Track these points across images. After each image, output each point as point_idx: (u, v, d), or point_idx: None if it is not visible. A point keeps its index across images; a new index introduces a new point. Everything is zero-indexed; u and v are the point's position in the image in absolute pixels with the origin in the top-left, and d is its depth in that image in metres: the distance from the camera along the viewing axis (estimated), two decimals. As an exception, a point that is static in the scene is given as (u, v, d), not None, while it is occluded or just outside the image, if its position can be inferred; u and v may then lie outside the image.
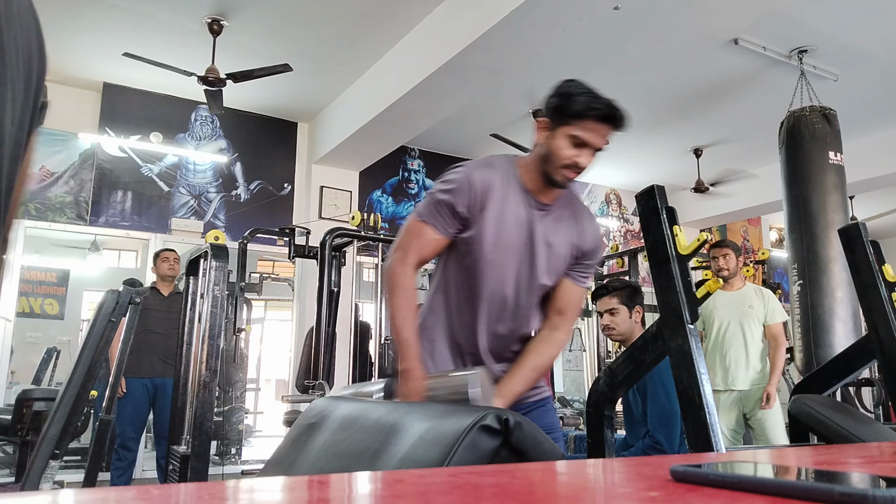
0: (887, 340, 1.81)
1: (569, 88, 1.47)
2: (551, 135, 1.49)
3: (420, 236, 1.50)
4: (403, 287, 1.48)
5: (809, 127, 4.24)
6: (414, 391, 1.39)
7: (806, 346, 3.93)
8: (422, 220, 1.50)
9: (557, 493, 0.47)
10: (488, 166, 1.55)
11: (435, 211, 1.49)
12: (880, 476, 0.43)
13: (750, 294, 3.77)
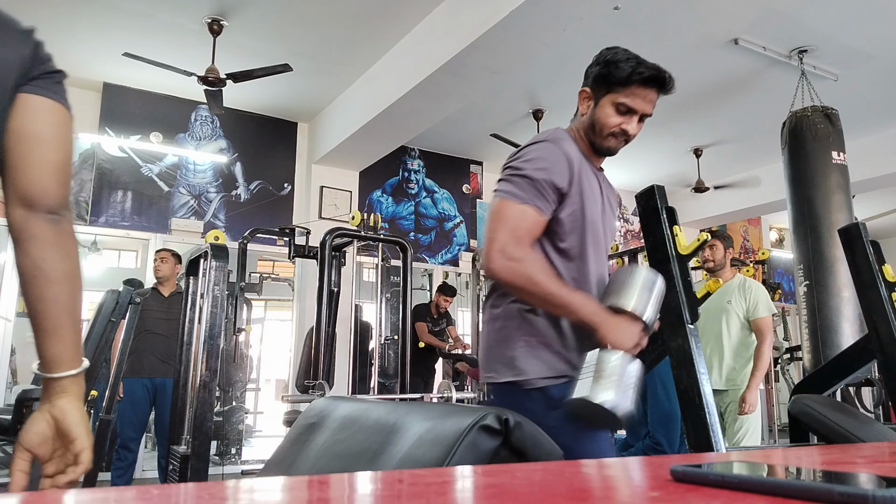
0: (887, 340, 1.81)
1: (612, 56, 1.47)
2: (596, 104, 1.48)
3: (525, 220, 1.31)
4: (538, 267, 1.29)
5: (812, 127, 4.24)
6: (630, 334, 1.28)
7: (814, 346, 3.92)
8: (523, 203, 1.31)
9: (557, 493, 0.47)
10: (563, 138, 1.46)
11: (536, 191, 1.32)
12: (880, 476, 0.43)
13: (732, 288, 3.53)
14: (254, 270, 6.22)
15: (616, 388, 1.21)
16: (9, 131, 0.91)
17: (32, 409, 3.74)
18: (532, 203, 1.32)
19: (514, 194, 1.33)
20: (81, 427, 0.89)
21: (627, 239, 8.35)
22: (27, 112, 0.95)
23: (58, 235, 0.90)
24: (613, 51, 1.49)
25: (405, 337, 3.73)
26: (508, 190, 1.34)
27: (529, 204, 1.32)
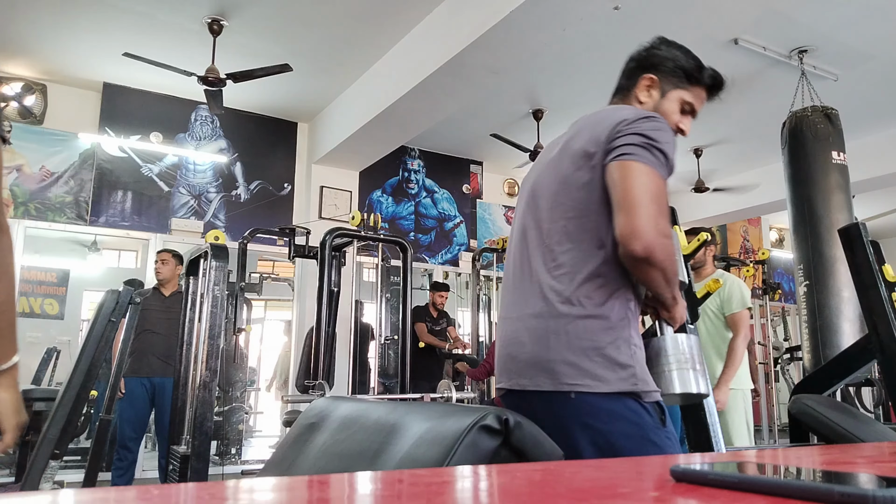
0: (887, 340, 1.81)
1: (685, 51, 1.44)
2: (663, 95, 1.41)
3: (666, 196, 1.21)
4: (673, 258, 1.20)
5: (812, 127, 4.24)
6: (685, 306, 1.30)
7: (814, 346, 3.92)
8: (664, 179, 1.20)
9: (557, 493, 0.47)
10: None
11: (667, 171, 1.22)
12: (880, 476, 0.43)
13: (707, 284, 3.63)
14: (254, 270, 6.21)
15: (702, 374, 1.25)
16: None
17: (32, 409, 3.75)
18: (665, 181, 1.21)
19: (656, 165, 1.19)
20: (7, 412, 1.11)
21: (627, 239, 8.34)
22: None
23: None
24: (679, 46, 1.46)
25: (405, 337, 3.73)
26: (649, 160, 1.18)
27: (665, 181, 1.21)
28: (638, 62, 1.45)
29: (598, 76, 5.28)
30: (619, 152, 1.19)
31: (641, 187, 1.15)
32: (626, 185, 1.16)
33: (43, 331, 6.43)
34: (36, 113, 5.38)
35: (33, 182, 5.27)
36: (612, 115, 1.26)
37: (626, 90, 1.44)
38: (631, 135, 1.19)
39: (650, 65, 1.43)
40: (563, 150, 1.31)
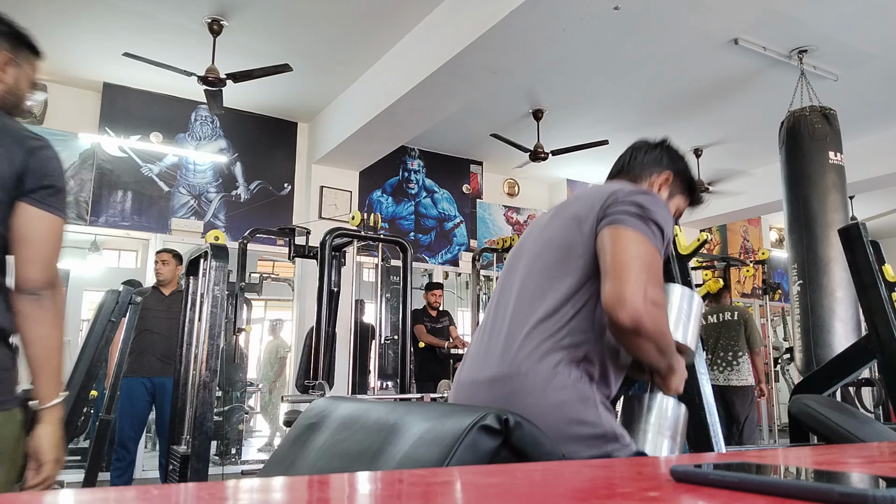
0: (887, 340, 1.81)
1: (689, 164, 1.48)
2: (670, 196, 1.42)
3: (659, 266, 1.16)
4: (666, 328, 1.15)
5: (809, 127, 4.24)
6: (685, 374, 1.25)
7: (806, 345, 3.93)
8: (657, 250, 1.16)
9: (557, 493, 0.47)
10: None
11: (662, 244, 1.18)
12: (880, 476, 0.43)
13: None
14: (254, 270, 6.21)
15: (679, 448, 1.23)
16: (10, 230, 1.27)
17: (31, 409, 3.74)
18: (660, 253, 1.16)
19: (649, 234, 1.14)
20: (47, 447, 1.29)
21: (627, 239, 8.34)
22: (21, 218, 1.29)
23: (36, 310, 1.28)
24: (684, 155, 1.49)
25: (405, 337, 3.73)
26: (642, 228, 1.14)
27: (659, 253, 1.16)
28: (656, 156, 1.43)
29: (598, 76, 5.28)
30: (612, 219, 1.16)
31: (631, 253, 1.10)
32: (615, 251, 1.12)
33: (43, 331, 6.41)
34: (36, 113, 5.38)
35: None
36: (611, 186, 1.25)
37: (637, 176, 1.42)
38: (626, 204, 1.17)
39: (671, 162, 1.42)
40: (554, 216, 1.31)
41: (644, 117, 6.12)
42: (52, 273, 1.32)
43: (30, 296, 1.29)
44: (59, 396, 1.32)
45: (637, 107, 5.90)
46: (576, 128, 6.24)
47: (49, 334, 1.31)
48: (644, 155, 1.44)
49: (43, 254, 1.31)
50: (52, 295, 1.31)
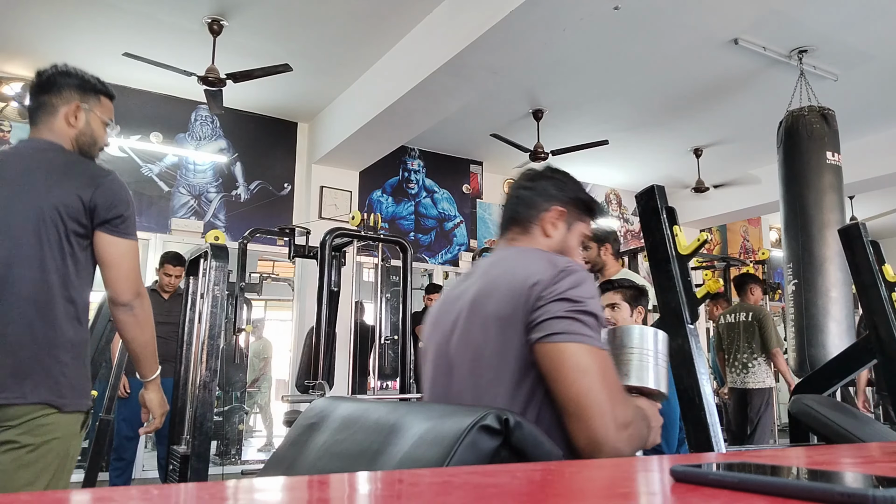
0: (887, 340, 1.81)
1: (579, 184, 1.33)
2: (567, 229, 1.29)
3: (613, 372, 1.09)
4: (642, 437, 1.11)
5: (807, 127, 4.24)
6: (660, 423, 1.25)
7: (800, 346, 3.92)
8: (603, 350, 1.07)
9: (557, 493, 0.47)
10: None
11: (600, 332, 1.10)
12: (880, 476, 0.43)
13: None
14: (254, 270, 6.22)
15: (664, 372, 1.21)
16: (96, 256, 1.61)
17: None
18: (602, 346, 1.08)
19: (594, 339, 1.05)
20: (154, 405, 1.79)
21: (627, 239, 8.35)
22: (100, 245, 1.60)
23: (129, 318, 1.64)
24: (571, 177, 1.33)
25: (405, 337, 3.73)
26: (584, 334, 1.04)
27: (603, 349, 1.08)
28: (538, 191, 1.28)
29: (598, 76, 5.28)
30: (547, 331, 1.03)
31: (585, 381, 1.00)
32: (565, 381, 1.01)
33: (43, 331, 6.41)
34: (36, 113, 5.38)
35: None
36: (525, 268, 1.11)
37: (527, 221, 1.27)
38: (554, 302, 1.05)
39: (554, 196, 1.28)
40: (472, 311, 1.15)
41: (644, 117, 6.12)
42: (136, 286, 1.63)
43: (122, 307, 1.62)
44: (154, 373, 1.77)
45: (637, 107, 5.90)
46: (576, 128, 6.24)
47: (141, 333, 1.66)
48: (529, 194, 1.29)
49: (124, 272, 1.62)
50: (140, 303, 1.64)
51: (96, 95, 1.79)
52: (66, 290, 1.56)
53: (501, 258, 1.22)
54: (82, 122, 1.73)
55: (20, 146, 1.69)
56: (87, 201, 1.55)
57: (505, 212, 1.33)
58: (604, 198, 8.30)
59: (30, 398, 1.47)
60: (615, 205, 8.42)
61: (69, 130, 1.70)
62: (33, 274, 1.52)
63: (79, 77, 1.78)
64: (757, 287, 4.99)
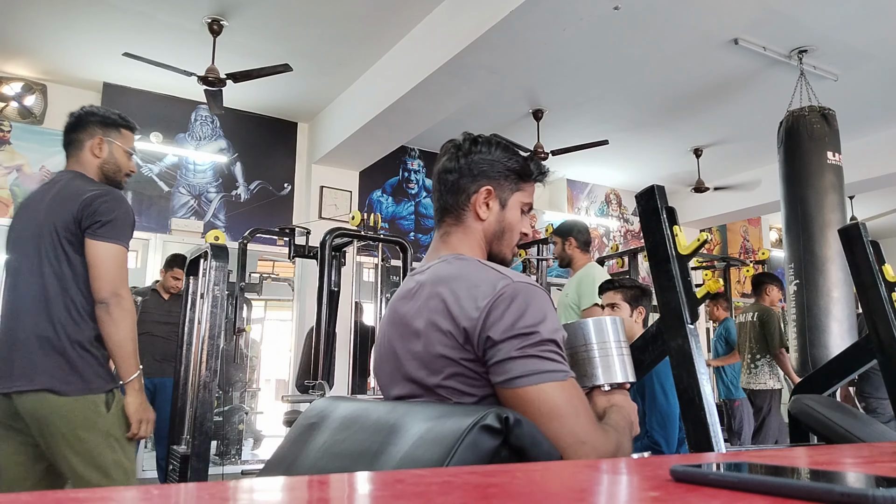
0: (887, 340, 1.81)
1: (505, 148, 1.22)
2: (502, 207, 1.20)
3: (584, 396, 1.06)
4: (611, 438, 1.04)
5: (808, 127, 4.24)
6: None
7: (801, 346, 3.92)
8: (570, 376, 1.02)
9: (557, 493, 0.47)
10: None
11: (564, 349, 1.06)
12: (880, 476, 0.43)
13: (572, 281, 3.28)
14: (254, 270, 6.21)
15: (628, 359, 1.20)
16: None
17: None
18: (569, 371, 1.02)
19: (557, 371, 0.99)
20: (132, 408, 1.88)
21: (627, 239, 8.35)
22: (86, 249, 1.79)
23: (104, 315, 1.78)
24: (495, 140, 1.22)
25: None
26: (548, 369, 0.97)
27: (571, 375, 1.02)
28: (461, 173, 1.19)
29: (598, 76, 5.28)
30: (505, 375, 0.96)
31: (554, 422, 0.94)
32: (550, 431, 0.94)
33: (43, 331, 6.41)
34: (36, 113, 5.38)
35: (33, 182, 5.27)
36: (475, 287, 1.03)
37: (457, 208, 1.19)
38: (505, 341, 0.97)
39: (479, 173, 1.18)
40: (428, 324, 1.06)
41: (644, 117, 6.12)
42: (113, 285, 1.78)
43: (99, 304, 1.77)
44: (131, 375, 1.85)
45: (637, 107, 5.90)
46: (576, 128, 6.24)
47: (115, 332, 1.77)
48: (454, 177, 1.19)
49: (102, 272, 1.78)
50: (117, 302, 1.78)
51: (117, 128, 2.00)
52: (65, 290, 1.79)
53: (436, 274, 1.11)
54: (105, 153, 1.97)
55: (53, 177, 1.97)
56: (75, 212, 1.79)
57: (435, 201, 1.24)
58: (604, 198, 8.30)
59: (35, 385, 1.73)
60: (615, 205, 8.41)
61: (94, 161, 1.95)
62: (34, 279, 1.79)
63: (101, 115, 2.00)
64: (774, 287, 4.91)
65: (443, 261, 1.15)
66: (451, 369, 1.03)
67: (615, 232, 8.33)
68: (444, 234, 1.21)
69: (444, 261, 1.14)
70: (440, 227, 1.23)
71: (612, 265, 6.01)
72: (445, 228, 1.21)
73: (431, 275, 1.12)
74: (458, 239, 1.19)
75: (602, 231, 8.21)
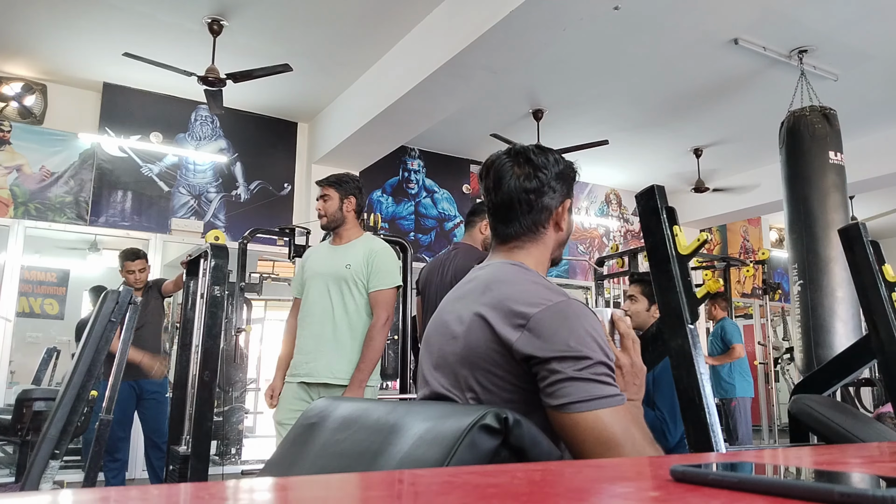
0: (887, 340, 1.81)
1: (559, 155, 1.21)
2: (569, 215, 1.21)
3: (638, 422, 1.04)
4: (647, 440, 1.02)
5: (810, 127, 4.25)
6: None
7: (806, 346, 3.93)
8: (621, 400, 0.98)
9: (557, 494, 0.47)
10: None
11: (611, 365, 1.02)
12: (880, 476, 0.43)
13: (355, 250, 2.67)
14: (254, 270, 6.20)
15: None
16: None
17: (32, 409, 3.75)
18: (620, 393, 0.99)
19: (611, 396, 0.95)
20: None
21: (627, 239, 8.35)
22: None
23: None
24: (542, 147, 1.20)
25: (405, 337, 3.73)
26: (602, 394, 0.94)
27: (621, 397, 0.98)
28: (542, 192, 1.14)
29: (598, 76, 5.28)
30: (559, 399, 0.93)
31: (609, 451, 0.92)
32: (590, 453, 0.93)
33: (43, 331, 6.42)
34: (36, 113, 5.38)
35: (33, 182, 5.27)
36: (520, 299, 1.01)
37: (536, 226, 1.15)
38: (560, 360, 0.94)
39: (559, 188, 1.16)
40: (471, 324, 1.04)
41: (644, 117, 6.12)
42: None
43: None
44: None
45: (637, 107, 5.90)
46: (576, 128, 6.24)
47: None
48: (533, 197, 1.14)
49: None
50: None
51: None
52: None
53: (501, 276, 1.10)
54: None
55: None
56: None
57: (503, 224, 1.17)
58: (604, 198, 8.30)
59: None
60: (615, 205, 8.41)
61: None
62: None
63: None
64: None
65: (504, 264, 1.13)
66: (487, 374, 1.01)
67: (615, 232, 8.33)
68: (512, 248, 1.16)
69: (505, 264, 1.13)
70: (508, 243, 1.16)
71: (612, 265, 6.00)
72: (515, 244, 1.16)
73: (485, 278, 1.10)
74: (526, 252, 1.15)
75: (602, 231, 8.21)
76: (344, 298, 2.59)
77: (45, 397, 3.92)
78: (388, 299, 2.60)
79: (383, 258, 2.64)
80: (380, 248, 2.68)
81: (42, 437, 2.62)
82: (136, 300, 3.89)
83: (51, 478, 2.63)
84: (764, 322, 7.28)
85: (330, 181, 2.76)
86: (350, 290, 2.59)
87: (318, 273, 2.67)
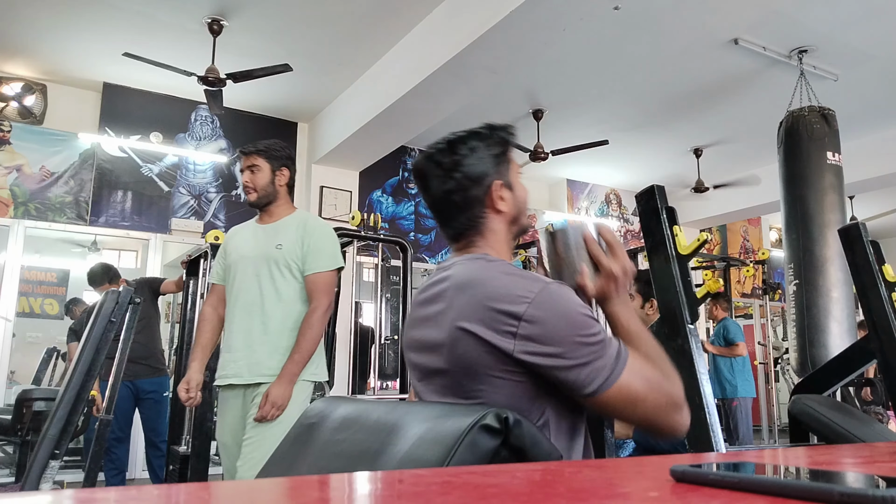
0: (887, 340, 1.81)
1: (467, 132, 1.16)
2: (511, 189, 1.15)
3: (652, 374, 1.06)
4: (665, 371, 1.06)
5: (808, 127, 4.25)
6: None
7: (801, 346, 3.93)
8: (632, 357, 1.02)
9: (557, 493, 0.47)
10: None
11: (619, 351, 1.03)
12: (880, 476, 0.43)
13: (287, 227, 2.31)
14: (254, 270, 6.21)
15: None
16: None
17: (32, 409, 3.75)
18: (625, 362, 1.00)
19: (622, 354, 0.99)
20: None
21: (627, 239, 8.35)
22: None
23: None
24: (458, 133, 1.16)
25: (405, 337, 3.73)
26: (609, 366, 0.97)
27: (625, 356, 1.00)
28: (463, 185, 1.11)
29: (598, 76, 5.28)
30: (588, 389, 0.95)
31: (638, 408, 0.97)
32: (627, 417, 1.01)
33: (43, 331, 6.43)
34: (36, 113, 5.38)
35: (33, 182, 5.27)
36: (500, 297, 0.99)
37: (474, 220, 1.13)
38: (570, 354, 0.95)
39: (480, 174, 1.12)
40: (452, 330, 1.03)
41: (644, 117, 6.12)
42: None
43: None
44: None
45: (637, 107, 5.90)
46: (576, 128, 6.24)
47: None
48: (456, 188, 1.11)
49: None
50: None
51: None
52: None
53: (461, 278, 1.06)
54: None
55: None
56: None
57: (444, 227, 1.15)
58: (604, 198, 8.30)
59: None
60: (615, 205, 8.41)
61: None
62: None
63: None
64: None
65: (467, 260, 1.10)
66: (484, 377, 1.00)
67: (615, 232, 8.33)
68: (465, 244, 1.15)
69: (468, 260, 1.10)
70: (459, 241, 1.15)
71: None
72: (465, 241, 1.14)
73: (455, 279, 1.07)
74: (482, 243, 1.13)
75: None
76: (276, 284, 2.22)
77: (45, 397, 3.92)
78: (328, 283, 2.25)
79: (320, 236, 2.28)
80: (316, 224, 2.32)
81: (42, 437, 2.62)
82: (136, 300, 3.90)
83: (51, 478, 2.63)
84: (764, 322, 7.29)
85: (258, 149, 2.31)
86: (283, 273, 2.23)
87: (243, 256, 2.29)
